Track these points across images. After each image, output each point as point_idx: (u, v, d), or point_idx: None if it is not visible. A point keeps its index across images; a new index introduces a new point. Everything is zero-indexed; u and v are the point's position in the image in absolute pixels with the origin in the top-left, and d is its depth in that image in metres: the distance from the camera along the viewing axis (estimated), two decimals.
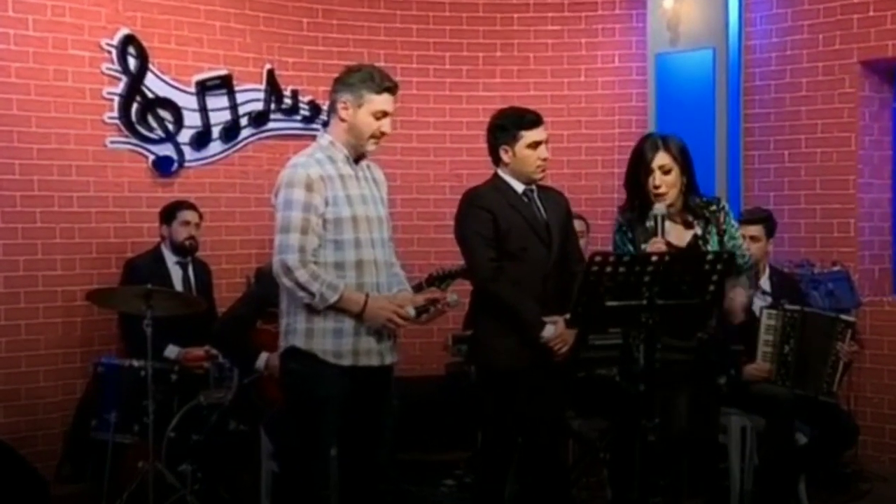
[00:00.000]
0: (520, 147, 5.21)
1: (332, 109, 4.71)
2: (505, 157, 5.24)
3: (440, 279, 6.39)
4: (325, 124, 5.41)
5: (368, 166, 4.79)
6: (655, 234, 4.89)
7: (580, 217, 6.84)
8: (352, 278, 4.58)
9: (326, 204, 4.55)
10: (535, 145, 5.21)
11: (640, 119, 8.17)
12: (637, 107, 8.24)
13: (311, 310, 4.54)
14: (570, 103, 8.34)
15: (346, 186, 4.60)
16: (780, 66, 7.88)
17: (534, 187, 5.31)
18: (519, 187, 5.26)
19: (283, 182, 4.58)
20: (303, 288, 4.48)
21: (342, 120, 4.64)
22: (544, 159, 5.24)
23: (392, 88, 4.69)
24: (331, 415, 4.58)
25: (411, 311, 4.67)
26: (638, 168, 5.03)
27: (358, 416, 4.67)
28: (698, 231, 5.06)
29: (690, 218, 5.07)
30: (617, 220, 5.18)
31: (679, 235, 5.03)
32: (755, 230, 6.46)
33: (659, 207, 4.93)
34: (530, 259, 5.20)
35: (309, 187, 4.52)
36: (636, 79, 8.27)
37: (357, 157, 4.71)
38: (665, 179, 4.99)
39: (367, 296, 4.57)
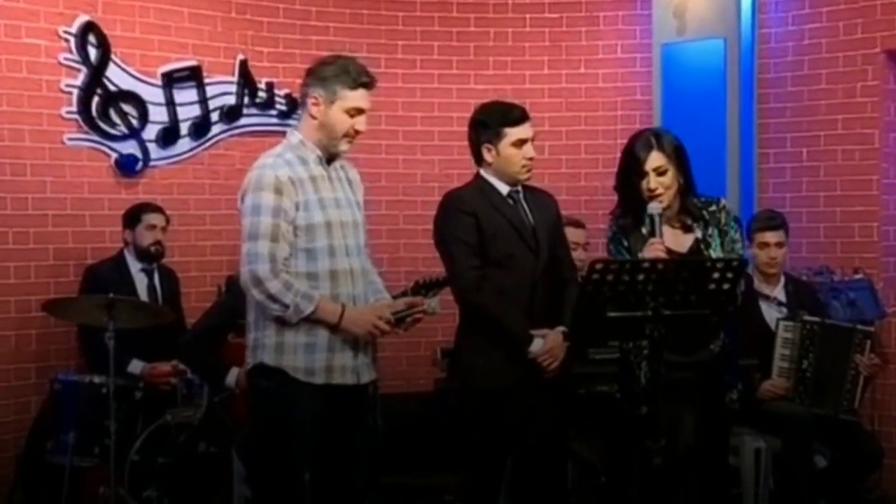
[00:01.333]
0: (504, 145, 5.18)
1: (303, 105, 4.69)
2: (488, 156, 5.21)
3: (427, 287, 6.40)
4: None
5: (342, 166, 4.77)
6: (652, 234, 4.88)
7: (580, 225, 6.81)
8: (326, 290, 4.55)
9: (297, 209, 4.51)
10: (520, 143, 5.18)
11: (645, 114, 8.18)
12: (641, 101, 8.25)
13: (282, 323, 4.51)
14: (569, 97, 8.34)
15: (318, 189, 4.57)
16: (797, 56, 7.89)
17: (520, 188, 5.28)
18: (503, 189, 5.23)
19: (249, 185, 4.55)
20: (275, 300, 4.46)
21: (313, 117, 4.61)
22: (530, 158, 5.20)
23: (368, 83, 4.65)
24: (303, 437, 4.55)
25: (391, 318, 4.66)
26: (630, 170, 5.04)
27: (332, 439, 4.64)
28: (699, 234, 5.07)
29: (689, 221, 5.07)
30: (610, 228, 5.17)
31: (679, 240, 5.03)
32: (779, 235, 6.46)
33: (653, 206, 4.93)
34: (517, 266, 5.16)
35: (278, 190, 4.48)
36: (640, 71, 8.28)
37: (330, 157, 4.70)
38: (660, 181, 4.99)
39: (343, 305, 4.56)
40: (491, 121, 5.22)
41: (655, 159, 4.98)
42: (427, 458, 7.29)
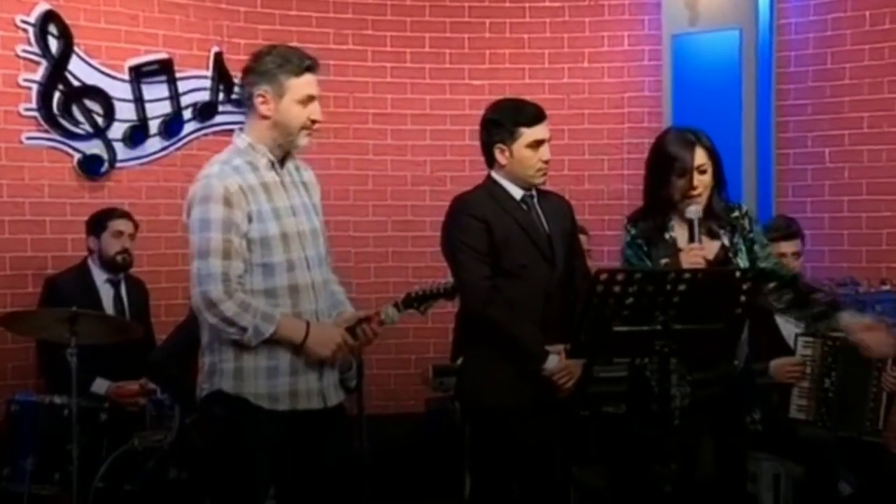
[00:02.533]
0: (518, 146, 5.19)
1: (247, 106, 4.60)
2: (500, 157, 5.23)
3: (419, 300, 6.37)
4: None
5: (296, 168, 4.72)
6: (691, 240, 4.90)
7: (583, 231, 6.81)
8: (286, 307, 4.49)
9: (250, 220, 4.44)
10: (535, 145, 5.19)
11: (654, 112, 8.18)
12: (650, 97, 8.25)
13: (240, 346, 4.45)
14: (572, 93, 8.34)
15: (271, 197, 4.50)
16: (818, 48, 7.89)
17: (534, 193, 5.30)
18: (517, 193, 5.25)
19: (195, 198, 4.47)
20: (231, 323, 4.39)
21: (263, 116, 4.53)
22: (546, 161, 5.23)
23: (313, 66, 4.59)
24: (263, 468, 4.51)
25: (354, 343, 4.62)
26: (668, 169, 5.03)
27: (299, 470, 4.60)
28: (725, 241, 5.07)
29: (715, 226, 5.07)
30: (628, 232, 5.16)
31: (706, 247, 5.04)
32: (796, 245, 6.46)
33: (694, 209, 4.94)
34: (531, 277, 5.18)
35: (227, 202, 4.40)
36: (649, 64, 8.28)
37: (282, 159, 4.67)
38: (702, 180, 5.02)
39: (307, 322, 4.51)
40: (504, 119, 5.23)
41: (699, 156, 5.01)
42: (418, 484, 7.28)
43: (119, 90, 7.47)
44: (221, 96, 7.84)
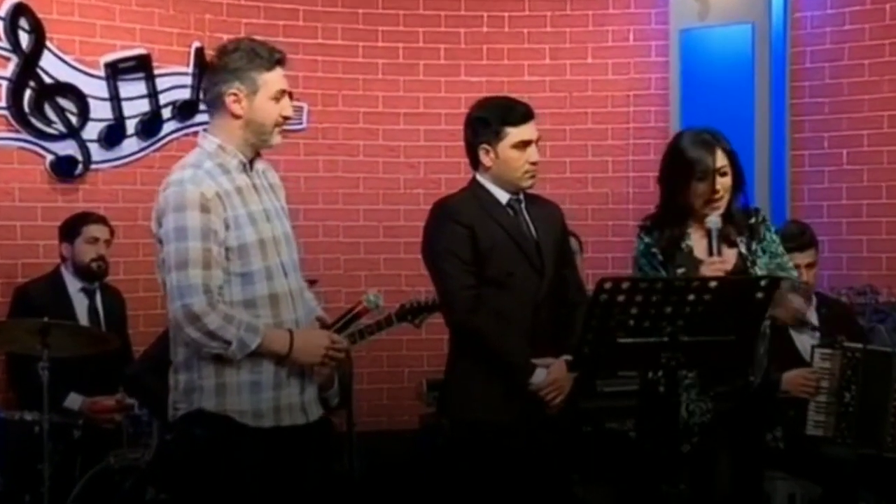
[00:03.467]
0: (503, 147, 5.16)
1: (215, 106, 4.57)
2: (485, 158, 5.20)
3: (414, 312, 6.38)
4: None
5: (264, 171, 4.72)
6: (711, 253, 4.90)
7: (572, 234, 6.79)
8: (267, 318, 4.47)
9: (227, 227, 4.42)
10: (522, 145, 5.16)
11: (661, 111, 8.19)
12: (657, 96, 8.27)
13: (221, 360, 4.42)
14: (574, 91, 8.35)
15: (245, 202, 4.48)
16: (836, 43, 7.90)
17: (521, 197, 5.27)
18: (503, 197, 5.23)
19: (168, 205, 4.42)
20: (215, 337, 4.35)
21: (235, 116, 4.51)
22: (534, 163, 5.19)
23: (283, 59, 4.58)
24: (250, 489, 4.47)
25: (344, 341, 4.63)
26: (688, 174, 5.04)
27: (283, 491, 4.59)
28: (743, 249, 5.08)
29: (734, 233, 5.08)
30: (641, 240, 5.16)
31: (723, 255, 5.04)
32: (809, 255, 6.44)
33: (714, 219, 4.94)
34: (517, 287, 5.15)
35: (204, 208, 4.36)
36: (656, 60, 8.29)
37: (251, 160, 4.66)
38: (724, 183, 5.03)
39: (290, 331, 4.50)
40: (490, 118, 5.20)
41: (720, 158, 5.02)
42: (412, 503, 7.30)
43: (94, 88, 7.48)
44: (202, 94, 7.84)
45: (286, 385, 4.50)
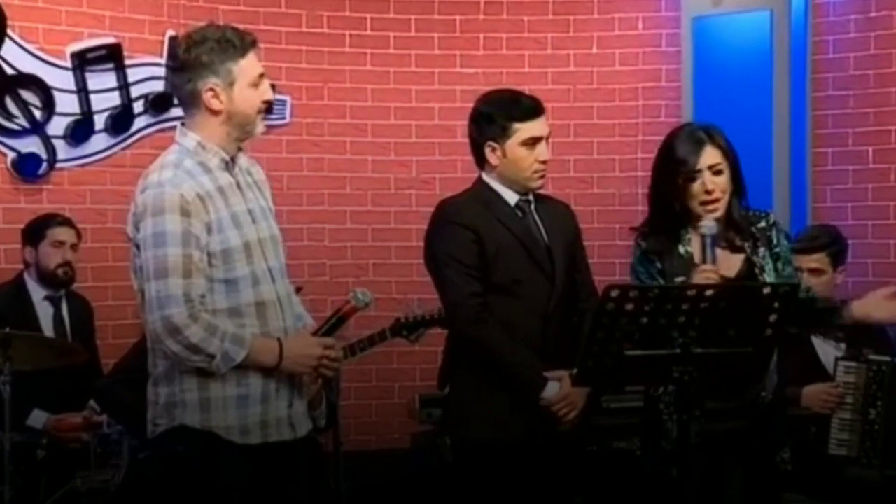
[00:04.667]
0: (512, 144, 5.17)
1: (191, 103, 4.54)
2: (492, 157, 5.22)
3: (409, 327, 6.38)
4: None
5: (248, 169, 4.71)
6: (704, 261, 4.88)
7: None
8: (253, 327, 4.47)
9: (209, 231, 4.41)
10: (532, 142, 5.18)
11: (672, 105, 8.20)
12: (667, 88, 8.28)
13: (205, 373, 4.41)
14: (578, 84, 8.37)
15: (228, 203, 4.47)
16: (861, 31, 7.91)
17: (531, 197, 5.29)
18: (511, 198, 5.25)
19: (147, 207, 4.40)
20: (198, 350, 4.34)
21: (215, 111, 4.49)
22: (544, 161, 5.22)
23: (255, 41, 4.56)
24: None
25: (337, 347, 4.62)
26: (674, 171, 5.03)
27: None
28: (751, 254, 5.07)
29: (737, 239, 5.07)
30: (638, 245, 5.16)
31: (727, 262, 5.02)
32: (816, 260, 6.43)
33: (708, 224, 4.91)
34: (526, 294, 5.17)
35: (185, 211, 4.35)
36: (667, 51, 8.31)
37: (234, 157, 4.65)
38: (718, 182, 5.01)
39: (279, 340, 4.50)
40: (496, 113, 5.21)
41: (710, 155, 4.99)
42: None
43: (59, 79, 7.49)
44: (174, 91, 7.83)
45: (274, 398, 4.50)
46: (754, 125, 7.82)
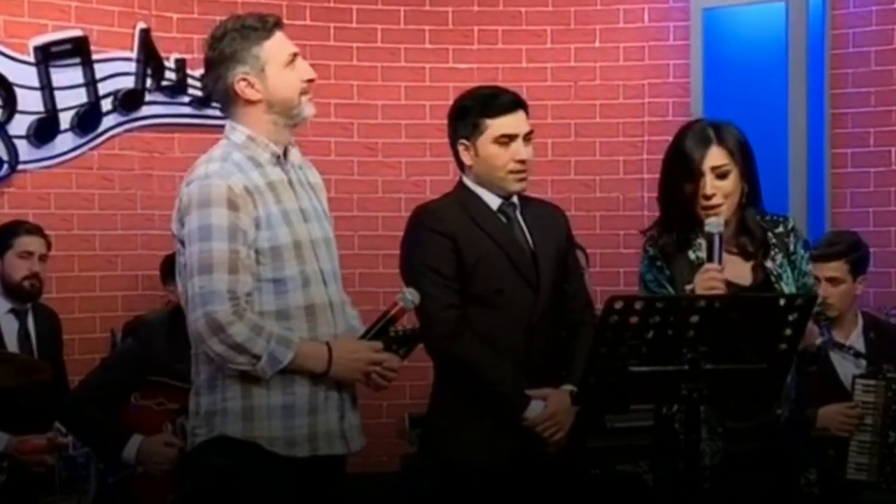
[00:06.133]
0: (483, 142, 5.15)
1: (228, 99, 4.62)
2: (465, 156, 5.20)
3: (399, 342, 6.38)
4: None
5: (300, 167, 4.76)
6: (710, 259, 4.87)
7: (578, 246, 6.78)
8: (302, 331, 4.51)
9: (257, 227, 4.47)
10: (505, 140, 5.15)
11: (680, 102, 8.23)
12: (675, 85, 8.32)
13: (249, 380, 4.46)
14: (580, 79, 8.40)
15: (279, 199, 4.53)
16: (883, 24, 7.95)
17: (516, 201, 5.27)
18: (493, 202, 5.22)
19: (192, 200, 4.47)
20: (242, 350, 4.39)
21: (252, 102, 4.57)
22: (522, 161, 5.18)
23: (279, 21, 4.63)
24: None
25: (394, 359, 4.68)
26: (678, 172, 5.06)
27: None
28: (767, 263, 5.07)
29: (749, 245, 5.08)
30: (645, 251, 5.15)
31: (738, 270, 5.02)
32: (834, 269, 6.42)
33: (714, 221, 4.90)
34: (508, 305, 5.15)
35: (233, 205, 4.42)
36: (675, 44, 8.34)
37: (285, 152, 4.69)
38: (720, 186, 4.98)
39: (328, 344, 4.53)
40: (469, 109, 5.21)
41: (715, 156, 4.96)
42: None
43: (22, 75, 7.51)
44: (149, 82, 7.88)
45: (323, 410, 4.55)
46: (769, 124, 7.84)
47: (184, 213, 4.49)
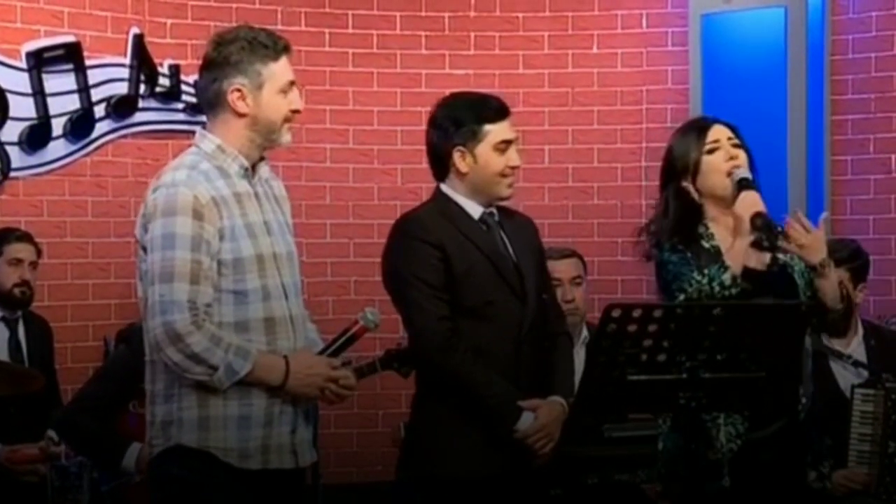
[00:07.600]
0: (483, 148, 5.13)
1: (216, 104, 4.63)
2: (461, 163, 5.15)
3: (401, 359, 6.36)
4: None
5: (266, 179, 4.77)
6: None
7: (575, 254, 6.76)
8: (261, 343, 4.53)
9: (221, 238, 4.49)
10: (503, 146, 5.15)
11: (679, 108, 8.22)
12: (674, 91, 8.32)
13: (206, 390, 4.47)
14: (577, 86, 8.39)
15: (245, 211, 4.55)
16: (883, 29, 7.95)
17: (493, 210, 5.25)
18: (475, 211, 5.19)
19: (157, 208, 4.49)
20: (199, 360, 4.40)
21: (240, 114, 4.59)
22: (514, 167, 5.18)
23: (289, 46, 4.66)
24: None
25: (350, 377, 4.66)
26: (673, 173, 5.07)
27: None
28: (779, 255, 5.08)
29: (763, 239, 5.06)
30: (662, 250, 5.12)
31: (755, 255, 5.02)
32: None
33: (739, 171, 4.95)
34: (499, 317, 5.12)
35: (198, 214, 4.44)
36: (673, 50, 8.34)
37: (254, 166, 4.71)
38: (739, 153, 5.03)
39: (286, 358, 4.53)
40: (464, 115, 5.19)
41: (722, 130, 5.03)
42: None
43: (14, 81, 7.51)
44: (143, 89, 7.87)
45: (277, 423, 4.55)
46: (768, 130, 7.83)
47: (148, 220, 4.51)
